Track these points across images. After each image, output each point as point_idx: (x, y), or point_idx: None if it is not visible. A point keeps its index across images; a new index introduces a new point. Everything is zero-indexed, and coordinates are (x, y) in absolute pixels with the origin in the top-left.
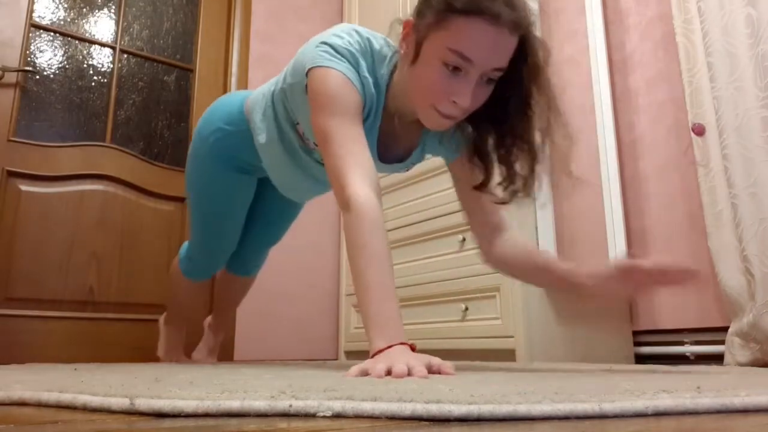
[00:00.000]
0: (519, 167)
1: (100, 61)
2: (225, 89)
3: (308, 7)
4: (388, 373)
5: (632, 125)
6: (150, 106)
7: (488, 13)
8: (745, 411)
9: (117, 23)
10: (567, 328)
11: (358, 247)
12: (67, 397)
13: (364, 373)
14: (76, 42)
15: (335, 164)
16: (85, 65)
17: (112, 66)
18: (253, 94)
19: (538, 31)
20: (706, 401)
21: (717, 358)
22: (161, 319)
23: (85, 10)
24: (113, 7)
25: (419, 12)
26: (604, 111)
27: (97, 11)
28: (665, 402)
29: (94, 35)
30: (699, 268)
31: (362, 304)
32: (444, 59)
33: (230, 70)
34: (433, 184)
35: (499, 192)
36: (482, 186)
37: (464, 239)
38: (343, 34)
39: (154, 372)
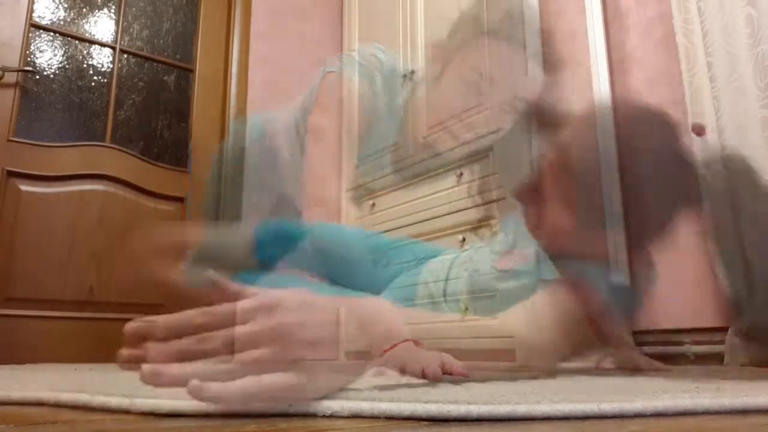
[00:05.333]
0: None
1: (100, 61)
2: (225, 89)
3: (308, 7)
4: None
5: None
6: (150, 106)
7: None
8: (744, 411)
9: (117, 23)
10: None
11: None
12: (67, 397)
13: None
14: (76, 42)
15: None
16: (85, 65)
17: (112, 66)
18: None
19: (537, 32)
20: (705, 401)
21: (717, 358)
22: None
23: (85, 10)
24: (113, 7)
25: None
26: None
27: (97, 11)
28: (664, 402)
29: (94, 35)
30: (699, 268)
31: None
32: None
33: (230, 70)
34: (433, 184)
35: None
36: None
37: (464, 239)
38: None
39: None
